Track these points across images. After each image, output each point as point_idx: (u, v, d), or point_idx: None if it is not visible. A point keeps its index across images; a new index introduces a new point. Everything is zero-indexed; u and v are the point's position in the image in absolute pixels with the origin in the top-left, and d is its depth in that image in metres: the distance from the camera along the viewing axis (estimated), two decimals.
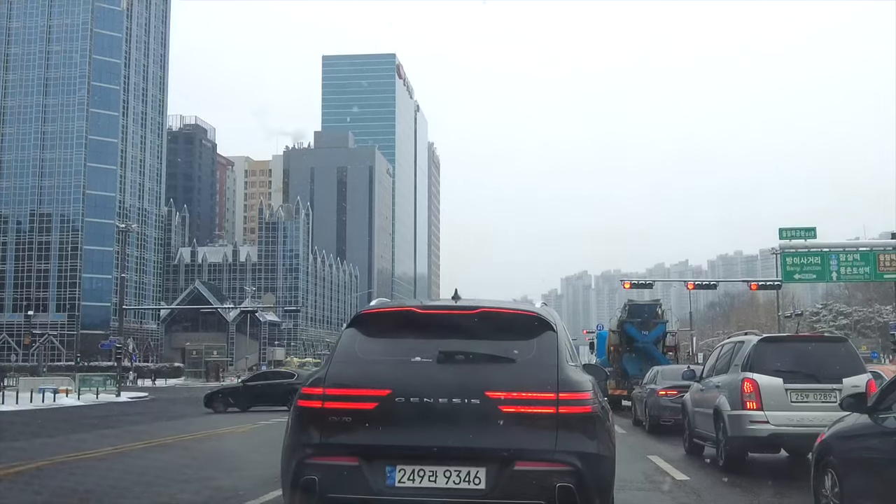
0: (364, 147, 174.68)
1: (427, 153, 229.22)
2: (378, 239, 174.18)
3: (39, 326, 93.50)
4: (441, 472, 4.53)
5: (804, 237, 34.11)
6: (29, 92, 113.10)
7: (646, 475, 10.31)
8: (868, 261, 33.28)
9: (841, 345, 11.13)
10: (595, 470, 4.60)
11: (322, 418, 4.68)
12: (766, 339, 11.09)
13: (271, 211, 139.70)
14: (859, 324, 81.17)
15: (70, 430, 19.12)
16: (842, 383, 9.91)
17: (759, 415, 10.06)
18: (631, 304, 30.54)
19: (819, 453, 6.62)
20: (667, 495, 8.71)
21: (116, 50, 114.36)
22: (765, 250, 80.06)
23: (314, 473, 4.54)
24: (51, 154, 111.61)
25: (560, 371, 4.79)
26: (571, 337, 5.86)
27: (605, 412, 5.20)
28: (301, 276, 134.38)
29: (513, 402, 4.60)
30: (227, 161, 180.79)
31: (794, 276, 34.40)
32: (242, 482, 9.31)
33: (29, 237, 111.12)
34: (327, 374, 4.85)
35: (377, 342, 5.08)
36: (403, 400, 4.60)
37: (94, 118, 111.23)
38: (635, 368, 27.05)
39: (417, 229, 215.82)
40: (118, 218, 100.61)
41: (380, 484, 4.52)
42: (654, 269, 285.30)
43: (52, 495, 8.45)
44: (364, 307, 5.65)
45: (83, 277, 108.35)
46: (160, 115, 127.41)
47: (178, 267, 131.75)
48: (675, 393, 16.28)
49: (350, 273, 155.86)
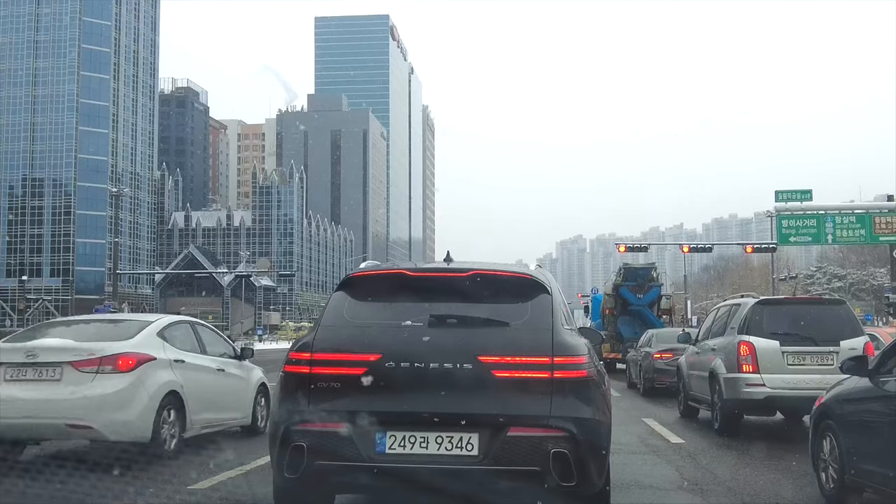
0: (358, 110, 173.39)
1: (421, 116, 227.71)
2: (372, 203, 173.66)
3: (34, 291, 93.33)
4: (433, 439, 4.44)
5: (800, 199, 33.93)
6: (19, 55, 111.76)
7: (640, 438, 10.29)
8: (864, 223, 33.17)
9: (838, 307, 11.07)
10: (590, 435, 4.52)
11: (310, 384, 4.58)
12: (762, 302, 11.00)
13: (265, 175, 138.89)
14: (853, 286, 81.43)
15: None
16: (839, 346, 9.87)
17: (755, 377, 10.02)
18: (626, 267, 30.53)
19: (817, 417, 6.55)
20: (662, 458, 8.67)
21: (106, 12, 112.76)
22: (760, 213, 79.90)
23: (302, 440, 4.45)
24: (42, 118, 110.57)
25: (555, 335, 4.67)
26: (566, 300, 5.74)
27: (601, 376, 5.10)
28: (295, 241, 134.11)
29: (506, 366, 4.50)
30: (220, 125, 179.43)
31: (789, 238, 34.31)
32: (239, 445, 9.23)
33: (21, 202, 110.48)
34: (315, 338, 4.74)
35: (367, 306, 4.97)
36: (394, 365, 4.50)
37: (85, 81, 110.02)
38: (630, 332, 27.12)
39: (412, 193, 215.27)
40: (111, 182, 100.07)
41: (370, 450, 4.43)
42: (648, 233, 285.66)
43: (49, 458, 8.36)
44: (354, 269, 5.51)
45: (77, 242, 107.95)
46: (152, 78, 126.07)
47: (172, 231, 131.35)
48: (670, 356, 16.29)
49: (345, 237, 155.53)
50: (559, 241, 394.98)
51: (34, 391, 7.46)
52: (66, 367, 7.51)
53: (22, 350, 7.72)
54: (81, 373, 7.52)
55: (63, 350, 7.66)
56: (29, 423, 7.52)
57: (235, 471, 7.54)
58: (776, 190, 34.17)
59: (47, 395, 7.45)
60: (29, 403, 7.38)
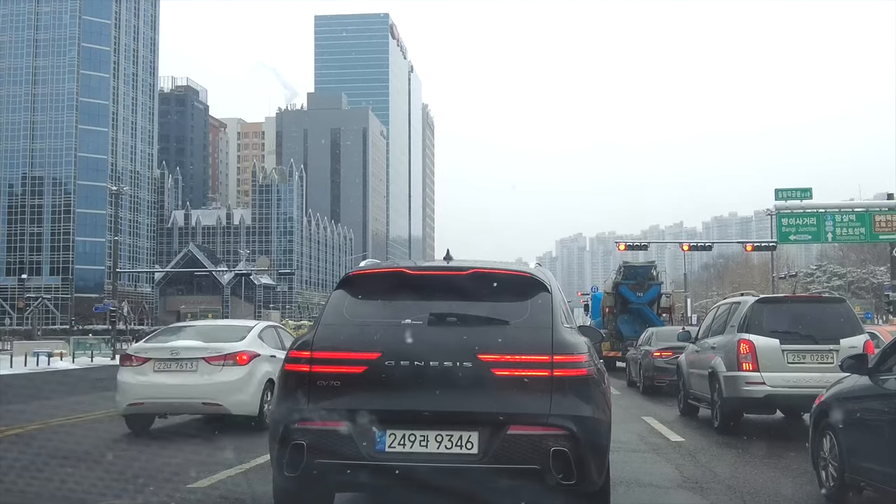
0: (358, 108, 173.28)
1: (421, 114, 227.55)
2: (372, 201, 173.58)
3: (33, 290, 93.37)
4: (433, 437, 4.43)
5: (800, 198, 33.91)
6: (18, 53, 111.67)
7: (640, 437, 10.29)
8: (864, 221, 33.13)
9: (838, 305, 11.05)
10: (590, 433, 4.51)
11: (310, 382, 4.57)
12: (762, 300, 10.99)
13: (265, 173, 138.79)
14: (853, 284, 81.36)
15: (66, 392, 19.09)
16: (839, 344, 9.85)
17: (755, 376, 10.01)
18: (626, 265, 30.52)
19: (817, 415, 6.54)
20: (661, 456, 8.66)
21: (106, 10, 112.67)
22: (759, 211, 79.96)
23: (302, 438, 4.44)
24: (42, 116, 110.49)
25: (555, 333, 4.67)
26: (566, 299, 5.73)
27: (601, 374, 5.10)
28: (295, 239, 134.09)
29: (506, 364, 4.49)
30: (220, 123, 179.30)
31: (789, 236, 34.28)
32: (239, 443, 9.22)
33: (21, 200, 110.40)
34: (315, 337, 4.73)
35: (367, 304, 4.97)
36: (393, 363, 4.49)
37: (85, 80, 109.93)
38: (630, 330, 27.12)
39: (412, 191, 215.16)
40: (110, 181, 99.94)
41: (370, 449, 4.42)
42: (648, 231, 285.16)
43: (50, 456, 8.37)
44: (353, 268, 5.51)
45: (76, 240, 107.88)
46: (151, 77, 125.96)
47: (172, 230, 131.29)
48: (670, 354, 16.29)
49: (344, 235, 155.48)
50: (559, 240, 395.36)
51: (177, 379, 10.20)
52: (201, 362, 10.21)
53: (167, 349, 10.53)
54: (212, 365, 10.21)
55: (198, 349, 10.39)
56: (174, 402, 10.32)
57: (235, 469, 7.54)
58: (776, 188, 34.13)
59: (187, 382, 10.12)
60: (174, 388, 10.14)
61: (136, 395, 10.26)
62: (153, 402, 10.34)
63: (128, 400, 10.35)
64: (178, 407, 10.57)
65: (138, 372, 10.38)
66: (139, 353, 10.69)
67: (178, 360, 10.29)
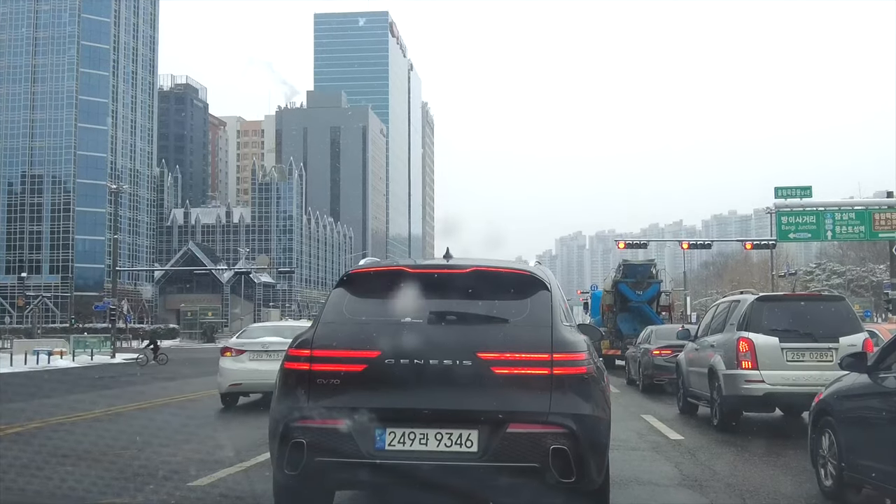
0: (357, 107, 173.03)
1: (421, 113, 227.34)
2: (372, 199, 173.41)
3: (33, 288, 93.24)
4: (432, 435, 4.43)
5: (800, 196, 33.96)
6: (18, 51, 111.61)
7: (640, 435, 10.30)
8: (863, 220, 33.18)
9: (838, 304, 11.06)
10: (590, 432, 4.51)
11: (310, 381, 4.58)
12: (762, 298, 10.99)
13: (264, 171, 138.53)
14: (853, 283, 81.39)
15: (66, 391, 19.09)
16: (838, 342, 9.86)
17: (754, 374, 10.01)
18: (625, 264, 30.49)
19: (817, 413, 6.55)
20: (661, 454, 8.67)
21: (105, 8, 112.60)
22: (759, 210, 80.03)
23: (302, 437, 4.44)
24: (41, 115, 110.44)
25: (554, 331, 4.67)
26: (566, 297, 5.74)
27: (600, 373, 5.10)
28: (295, 237, 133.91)
29: (506, 363, 4.49)
30: (219, 121, 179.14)
31: (789, 235, 34.32)
32: (239, 442, 9.24)
33: (21, 198, 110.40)
34: (314, 335, 4.74)
35: (366, 302, 4.97)
36: (393, 361, 4.50)
37: (84, 78, 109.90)
38: (629, 328, 27.11)
39: (412, 189, 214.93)
40: (110, 179, 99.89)
41: (369, 447, 4.42)
42: (648, 230, 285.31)
43: (50, 455, 8.37)
44: (353, 266, 5.51)
45: (76, 239, 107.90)
46: (151, 75, 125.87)
47: (171, 228, 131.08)
48: (669, 352, 16.31)
49: (344, 234, 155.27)
50: (559, 238, 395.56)
51: (267, 366, 12.50)
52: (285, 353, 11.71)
53: (259, 343, 13.80)
54: None
55: (283, 343, 11.18)
56: (265, 383, 11.19)
57: (235, 467, 7.55)
58: (776, 186, 34.18)
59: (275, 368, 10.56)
60: (265, 373, 11.94)
61: (236, 378, 13.57)
62: (249, 384, 13.56)
63: (229, 381, 13.65)
64: (265, 388, 11.88)
65: (237, 360, 13.69)
66: (237, 347, 14.07)
67: (267, 352, 13.36)
